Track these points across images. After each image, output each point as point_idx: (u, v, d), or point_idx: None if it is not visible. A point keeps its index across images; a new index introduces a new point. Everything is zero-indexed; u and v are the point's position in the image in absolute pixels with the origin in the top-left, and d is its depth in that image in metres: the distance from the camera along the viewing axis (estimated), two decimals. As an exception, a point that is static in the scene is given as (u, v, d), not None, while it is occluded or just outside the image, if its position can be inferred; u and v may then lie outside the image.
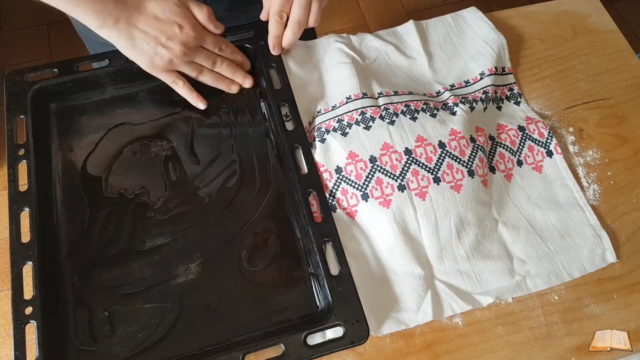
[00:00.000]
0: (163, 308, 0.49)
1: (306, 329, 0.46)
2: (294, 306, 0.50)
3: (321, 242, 0.50)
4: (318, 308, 0.50)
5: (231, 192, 0.55)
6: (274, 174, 0.56)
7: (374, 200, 0.53)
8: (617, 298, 0.53)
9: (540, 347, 0.50)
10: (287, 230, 0.53)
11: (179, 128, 0.59)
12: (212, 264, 0.52)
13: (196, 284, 0.51)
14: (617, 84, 0.65)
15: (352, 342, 0.45)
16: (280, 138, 0.55)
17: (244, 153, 0.58)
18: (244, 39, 0.61)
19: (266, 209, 0.54)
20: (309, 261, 0.51)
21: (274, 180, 0.56)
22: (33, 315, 0.46)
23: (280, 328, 0.49)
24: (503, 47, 0.65)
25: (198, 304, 0.50)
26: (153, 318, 0.49)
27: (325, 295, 0.48)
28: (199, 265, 0.51)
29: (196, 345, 0.48)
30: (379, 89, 0.60)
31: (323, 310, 0.49)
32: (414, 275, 0.51)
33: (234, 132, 0.59)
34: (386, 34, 0.67)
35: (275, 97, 0.57)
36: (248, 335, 0.48)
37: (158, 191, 0.55)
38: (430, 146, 0.55)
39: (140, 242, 0.52)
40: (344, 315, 0.47)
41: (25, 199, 0.51)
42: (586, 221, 0.56)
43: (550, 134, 0.60)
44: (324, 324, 0.46)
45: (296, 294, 0.50)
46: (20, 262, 0.48)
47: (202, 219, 0.54)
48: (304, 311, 0.50)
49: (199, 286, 0.50)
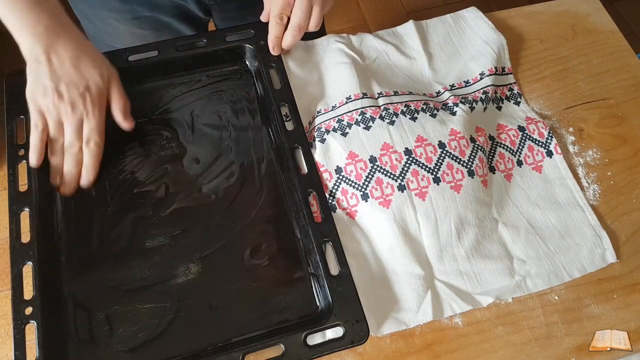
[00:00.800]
0: (163, 308, 0.49)
1: (306, 329, 0.46)
2: (294, 306, 0.50)
3: (321, 242, 0.50)
4: (318, 308, 0.50)
5: (231, 192, 0.55)
6: (274, 174, 0.56)
7: (373, 201, 0.53)
8: (617, 298, 0.53)
9: (540, 347, 0.50)
10: (287, 230, 0.53)
11: (179, 128, 0.59)
12: (212, 263, 0.52)
13: (196, 284, 0.51)
14: (617, 84, 0.65)
15: (352, 342, 0.45)
16: (280, 138, 0.56)
17: (244, 154, 0.58)
18: (244, 38, 0.62)
19: (266, 209, 0.54)
20: (309, 261, 0.51)
21: (274, 180, 0.56)
22: (33, 315, 0.46)
23: (280, 328, 0.49)
24: (503, 47, 0.65)
25: (198, 304, 0.50)
26: (153, 318, 0.49)
27: (325, 295, 0.48)
28: (199, 265, 0.51)
29: (196, 345, 0.48)
30: (379, 89, 0.60)
31: (323, 310, 0.49)
32: (414, 275, 0.51)
33: (234, 132, 0.59)
34: (386, 34, 0.67)
35: (275, 97, 0.57)
36: (248, 335, 0.48)
37: (158, 191, 0.55)
38: (430, 146, 0.55)
39: (141, 242, 0.52)
40: (344, 315, 0.47)
41: (25, 199, 0.51)
42: (586, 221, 0.56)
43: (550, 134, 0.60)
44: (324, 324, 0.46)
45: (296, 294, 0.50)
46: (20, 262, 0.48)
47: (203, 219, 0.54)
48: (304, 311, 0.50)
49: (199, 286, 0.50)
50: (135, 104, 0.58)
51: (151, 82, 0.59)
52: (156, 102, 0.61)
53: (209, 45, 0.60)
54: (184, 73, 0.62)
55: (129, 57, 0.59)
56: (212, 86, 0.62)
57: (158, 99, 0.61)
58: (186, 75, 0.62)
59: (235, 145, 0.58)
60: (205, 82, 0.62)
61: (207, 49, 0.60)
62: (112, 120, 0.55)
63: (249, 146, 0.58)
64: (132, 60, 0.58)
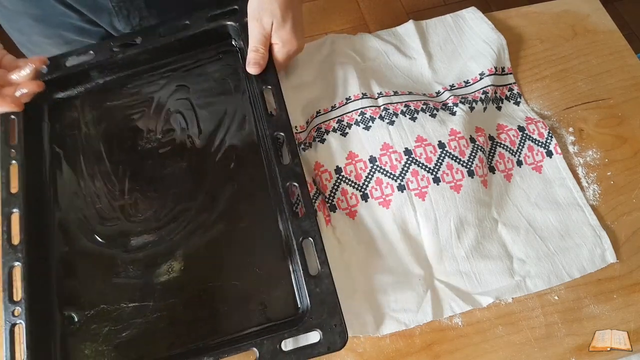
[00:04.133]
0: (146, 307, 0.49)
1: (283, 332, 0.44)
2: (276, 306, 0.48)
3: (301, 239, 0.47)
4: (299, 309, 0.48)
5: (216, 190, 0.54)
6: (259, 166, 0.54)
7: (373, 201, 0.53)
8: (617, 298, 0.53)
9: (540, 347, 0.50)
10: (270, 226, 0.51)
11: (173, 120, 0.58)
12: (194, 262, 0.51)
13: (178, 282, 0.50)
14: (617, 84, 0.65)
15: (328, 348, 0.43)
16: (262, 125, 0.53)
17: (228, 144, 0.56)
18: (227, 14, 0.59)
19: (250, 204, 0.53)
20: (291, 259, 0.49)
21: (259, 173, 0.54)
22: (21, 316, 0.47)
23: (258, 330, 0.47)
24: (503, 48, 0.65)
25: (179, 303, 0.49)
26: (136, 317, 0.49)
27: (304, 295, 0.46)
28: (182, 263, 0.51)
29: (177, 346, 0.47)
30: (379, 89, 0.60)
31: (302, 312, 0.47)
32: (413, 275, 0.51)
33: (222, 120, 0.57)
34: (386, 34, 0.67)
35: (258, 80, 0.55)
36: (227, 337, 0.47)
37: (145, 189, 0.54)
38: (430, 146, 0.55)
39: (126, 240, 0.52)
40: (321, 318, 0.44)
41: (16, 201, 0.51)
42: (586, 221, 0.56)
43: (550, 134, 0.60)
44: (300, 328, 0.44)
45: (278, 293, 0.49)
46: (10, 263, 0.49)
47: (187, 217, 0.53)
48: (285, 312, 0.48)
49: (181, 285, 0.50)
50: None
51: (136, 70, 0.59)
52: (144, 91, 0.59)
53: (191, 28, 0.58)
54: (171, 59, 0.61)
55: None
56: (198, 70, 0.60)
57: (145, 88, 0.60)
58: (171, 62, 0.61)
59: (219, 136, 0.56)
60: (191, 65, 0.60)
61: (189, 32, 0.58)
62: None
63: (233, 136, 0.56)
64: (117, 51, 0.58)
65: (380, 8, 1.76)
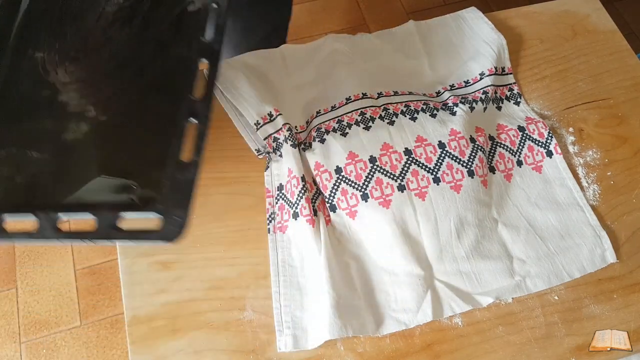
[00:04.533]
0: (44, 160, 0.45)
1: (129, 209, 0.40)
2: (144, 186, 0.42)
3: (185, 120, 0.42)
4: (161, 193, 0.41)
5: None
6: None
7: (373, 201, 0.53)
8: (617, 298, 0.53)
9: (540, 348, 0.50)
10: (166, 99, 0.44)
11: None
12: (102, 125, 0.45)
13: (81, 143, 0.44)
14: (617, 84, 0.65)
15: (161, 237, 0.39)
16: None
17: None
18: None
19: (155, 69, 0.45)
20: (171, 140, 0.42)
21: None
22: None
23: (113, 204, 0.42)
24: (503, 48, 0.65)
25: (72, 161, 0.44)
26: (35, 166, 0.44)
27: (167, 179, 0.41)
28: (89, 125, 0.45)
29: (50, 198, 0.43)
30: (379, 89, 0.60)
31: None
32: (413, 275, 0.51)
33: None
34: (386, 34, 0.67)
35: None
36: (77, 199, 0.43)
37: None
38: (430, 146, 0.55)
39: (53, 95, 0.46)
40: (168, 206, 0.40)
41: None
42: (586, 221, 0.56)
43: (550, 134, 0.60)
44: (145, 209, 0.40)
45: (150, 173, 0.43)
46: None
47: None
48: (147, 194, 0.42)
49: (83, 145, 0.44)
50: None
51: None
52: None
53: None
54: None
55: None
56: None
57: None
58: None
59: None
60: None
61: None
62: None
63: None
64: None
65: (380, 8, 1.76)
